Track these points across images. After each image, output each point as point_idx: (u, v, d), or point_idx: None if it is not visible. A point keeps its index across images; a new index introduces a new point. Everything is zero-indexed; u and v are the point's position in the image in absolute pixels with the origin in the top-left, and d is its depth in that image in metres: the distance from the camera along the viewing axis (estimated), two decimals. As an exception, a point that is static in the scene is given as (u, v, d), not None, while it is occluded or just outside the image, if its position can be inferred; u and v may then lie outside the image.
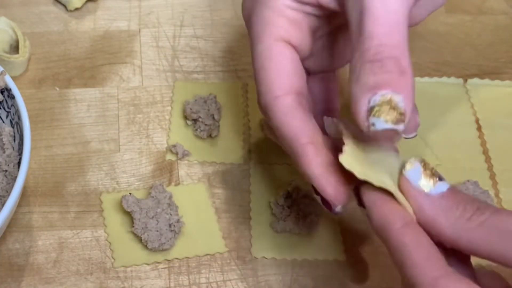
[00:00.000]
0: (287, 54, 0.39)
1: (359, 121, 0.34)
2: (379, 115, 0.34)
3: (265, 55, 0.39)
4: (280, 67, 0.39)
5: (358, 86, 0.35)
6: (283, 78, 0.39)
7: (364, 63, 0.35)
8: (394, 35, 0.35)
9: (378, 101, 0.34)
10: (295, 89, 0.39)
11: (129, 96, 0.54)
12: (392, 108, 0.34)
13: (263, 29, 0.40)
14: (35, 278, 0.45)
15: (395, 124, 0.34)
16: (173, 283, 0.45)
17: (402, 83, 0.34)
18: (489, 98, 0.56)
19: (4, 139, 0.45)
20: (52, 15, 0.59)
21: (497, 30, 0.61)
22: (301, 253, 0.47)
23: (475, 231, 0.33)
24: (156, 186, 0.47)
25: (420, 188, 0.35)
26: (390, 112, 0.34)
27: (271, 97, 0.39)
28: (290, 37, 0.40)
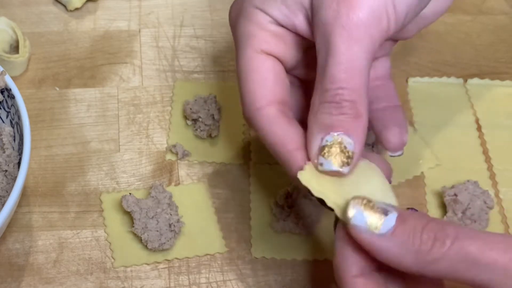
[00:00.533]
0: (268, 65, 0.40)
1: (310, 157, 0.37)
2: (327, 156, 0.36)
3: (246, 67, 0.40)
4: (261, 78, 0.39)
5: (315, 123, 0.37)
6: (265, 89, 0.39)
7: (323, 103, 0.37)
8: (355, 80, 0.37)
9: (329, 142, 0.36)
10: (277, 99, 0.39)
11: (129, 96, 0.54)
12: (341, 150, 0.36)
13: (246, 41, 0.40)
14: (35, 278, 0.45)
15: (341, 167, 0.36)
16: (173, 283, 0.45)
17: (355, 126, 0.36)
18: (489, 98, 0.56)
19: (4, 139, 0.45)
20: (52, 15, 0.59)
21: (497, 30, 0.61)
22: (301, 253, 0.47)
23: (439, 263, 0.33)
24: (156, 186, 0.47)
25: (370, 231, 0.34)
26: (337, 156, 0.36)
27: (254, 108, 0.39)
28: (272, 50, 0.40)
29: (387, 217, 0.34)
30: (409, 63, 0.58)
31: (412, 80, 0.57)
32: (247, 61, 0.40)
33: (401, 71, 0.57)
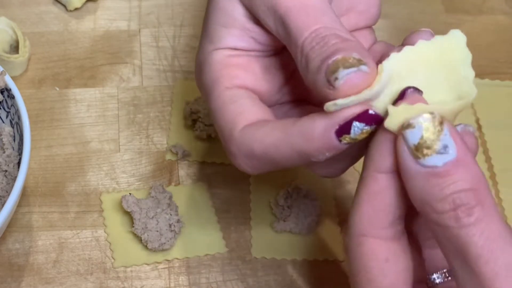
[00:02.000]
0: (242, 93, 0.37)
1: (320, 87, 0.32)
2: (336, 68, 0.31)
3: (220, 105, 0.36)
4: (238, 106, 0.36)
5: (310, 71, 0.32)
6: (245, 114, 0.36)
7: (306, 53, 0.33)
8: (324, 18, 0.34)
9: (331, 64, 0.31)
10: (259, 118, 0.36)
11: (129, 96, 0.54)
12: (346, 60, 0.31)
13: (213, 84, 0.37)
14: (35, 278, 0.45)
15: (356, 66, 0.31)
16: (173, 283, 0.45)
17: (349, 45, 0.32)
18: (489, 98, 0.56)
19: (4, 139, 0.45)
20: (52, 15, 0.59)
21: (497, 30, 0.61)
22: (301, 253, 0.47)
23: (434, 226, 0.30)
24: (156, 186, 0.47)
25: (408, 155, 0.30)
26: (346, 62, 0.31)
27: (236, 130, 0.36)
28: (243, 82, 0.37)
29: (437, 156, 0.29)
30: (409, 63, 0.58)
31: (412, 80, 0.57)
32: (219, 99, 0.37)
33: (401, 71, 0.57)
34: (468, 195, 0.29)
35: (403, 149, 0.30)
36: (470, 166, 0.29)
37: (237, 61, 0.38)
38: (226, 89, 0.37)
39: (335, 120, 0.31)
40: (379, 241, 0.32)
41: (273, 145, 0.34)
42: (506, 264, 0.28)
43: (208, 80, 0.38)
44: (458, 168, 0.29)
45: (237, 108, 0.36)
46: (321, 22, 0.33)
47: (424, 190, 0.29)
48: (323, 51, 0.32)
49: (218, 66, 0.38)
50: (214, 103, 0.37)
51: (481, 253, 0.29)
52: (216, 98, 0.37)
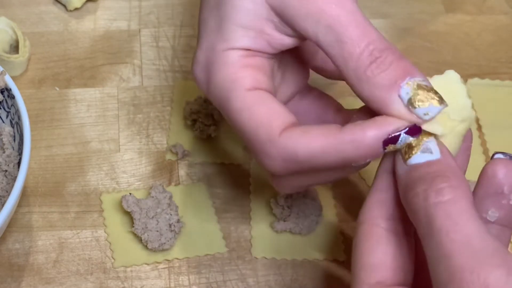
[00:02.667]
0: (266, 95, 0.37)
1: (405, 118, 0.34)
2: (423, 103, 0.34)
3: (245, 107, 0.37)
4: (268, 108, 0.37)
5: (376, 88, 0.35)
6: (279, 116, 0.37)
7: (365, 70, 0.35)
8: (370, 29, 0.35)
9: (410, 92, 0.34)
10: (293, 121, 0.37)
11: (129, 96, 0.54)
12: (425, 90, 0.34)
13: (231, 87, 0.37)
14: (35, 278, 0.45)
15: (441, 103, 0.34)
16: (173, 283, 0.45)
17: (409, 66, 0.35)
18: (489, 98, 0.56)
19: (4, 139, 0.45)
20: (52, 15, 0.59)
21: (497, 30, 0.61)
22: (301, 253, 0.47)
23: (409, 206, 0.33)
24: (156, 186, 0.47)
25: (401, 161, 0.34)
26: (428, 96, 0.34)
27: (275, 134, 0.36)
28: (260, 84, 0.38)
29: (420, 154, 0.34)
30: (409, 63, 0.58)
31: (412, 80, 0.57)
32: (243, 102, 0.37)
33: (401, 71, 0.57)
34: (438, 181, 0.32)
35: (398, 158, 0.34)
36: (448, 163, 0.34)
37: (254, 62, 0.38)
38: (248, 90, 0.37)
39: (387, 130, 0.34)
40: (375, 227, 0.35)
41: (321, 151, 0.35)
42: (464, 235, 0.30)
43: (224, 81, 0.38)
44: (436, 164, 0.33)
45: (269, 110, 0.37)
46: (373, 34, 0.35)
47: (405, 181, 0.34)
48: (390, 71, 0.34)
49: (235, 66, 0.38)
50: (237, 104, 0.37)
51: (442, 225, 0.31)
52: (241, 100, 0.37)
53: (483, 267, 0.30)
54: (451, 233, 0.31)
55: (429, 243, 0.32)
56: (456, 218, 0.31)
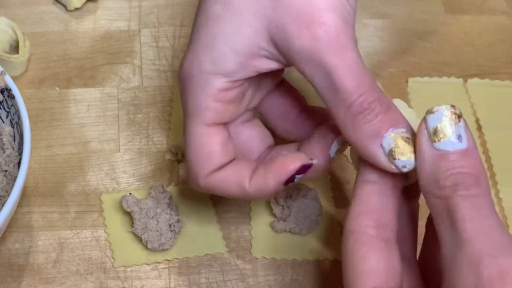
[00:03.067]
0: (217, 138, 0.41)
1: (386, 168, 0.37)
2: (402, 156, 0.36)
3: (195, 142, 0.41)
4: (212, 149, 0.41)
5: (360, 138, 0.37)
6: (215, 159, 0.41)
7: (353, 117, 0.37)
8: (366, 80, 0.37)
9: (392, 144, 0.36)
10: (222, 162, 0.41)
11: (129, 96, 0.54)
12: (405, 142, 0.36)
13: (197, 114, 0.41)
14: (35, 278, 0.45)
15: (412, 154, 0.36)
16: (173, 283, 0.45)
17: (395, 117, 0.37)
18: (489, 98, 0.56)
19: (4, 139, 0.45)
20: (52, 15, 0.59)
21: (497, 30, 0.61)
22: (301, 253, 0.47)
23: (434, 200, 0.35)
24: (156, 186, 0.47)
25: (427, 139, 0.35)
26: (405, 148, 0.36)
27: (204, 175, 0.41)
28: (224, 118, 0.41)
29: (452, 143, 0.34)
30: (409, 63, 0.58)
31: (412, 80, 0.57)
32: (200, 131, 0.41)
33: (401, 71, 0.57)
34: (468, 177, 0.34)
35: (422, 132, 0.35)
36: (476, 158, 0.35)
37: (230, 95, 0.40)
38: (206, 125, 0.41)
39: (283, 178, 0.39)
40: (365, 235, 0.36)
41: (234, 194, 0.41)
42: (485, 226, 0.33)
43: (195, 103, 0.41)
44: (466, 157, 0.34)
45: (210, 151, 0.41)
46: (366, 85, 0.37)
47: (433, 168, 0.34)
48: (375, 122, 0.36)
49: (210, 96, 0.40)
50: (192, 129, 0.41)
51: (465, 214, 0.33)
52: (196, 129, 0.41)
53: (503, 254, 0.32)
54: (475, 221, 0.33)
55: (450, 229, 0.34)
56: (480, 210, 0.33)
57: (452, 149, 0.34)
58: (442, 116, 0.35)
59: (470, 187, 0.34)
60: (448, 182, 0.34)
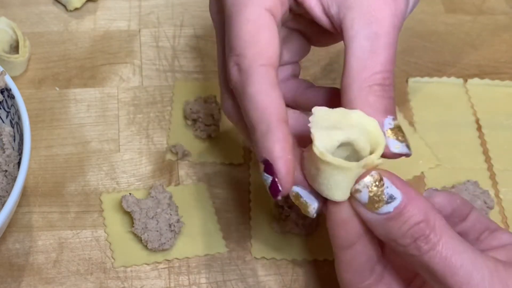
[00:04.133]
0: (275, 28, 0.39)
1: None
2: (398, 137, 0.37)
3: (258, 21, 0.38)
4: (272, 38, 0.38)
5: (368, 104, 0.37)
6: (273, 50, 0.38)
7: (375, 85, 0.37)
8: (394, 64, 0.38)
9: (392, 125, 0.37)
10: (277, 64, 0.39)
11: (129, 96, 0.54)
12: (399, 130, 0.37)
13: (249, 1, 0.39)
14: (35, 278, 0.45)
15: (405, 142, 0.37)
16: (173, 283, 0.45)
17: (395, 111, 0.38)
18: (489, 98, 0.56)
19: (4, 139, 0.45)
20: (52, 15, 0.59)
21: (497, 30, 0.61)
22: (301, 253, 0.47)
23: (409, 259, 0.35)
24: (156, 186, 0.47)
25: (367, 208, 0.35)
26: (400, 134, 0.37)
27: (258, 64, 0.37)
28: (277, 14, 0.39)
29: (388, 205, 0.35)
30: (409, 63, 0.58)
31: (412, 80, 0.57)
32: (257, 16, 0.38)
33: (401, 71, 0.57)
34: (421, 227, 0.34)
35: (359, 206, 0.35)
36: (415, 202, 0.35)
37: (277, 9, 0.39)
38: (263, 10, 0.38)
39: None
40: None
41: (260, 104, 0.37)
42: (466, 273, 0.34)
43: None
44: (406, 208, 0.34)
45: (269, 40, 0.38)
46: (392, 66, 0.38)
47: (386, 231, 0.35)
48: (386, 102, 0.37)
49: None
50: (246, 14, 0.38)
51: (444, 270, 0.34)
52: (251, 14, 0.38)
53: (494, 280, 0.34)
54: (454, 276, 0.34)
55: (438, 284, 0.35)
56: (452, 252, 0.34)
57: (391, 209, 0.34)
58: (367, 191, 0.35)
59: (429, 237, 0.34)
60: (407, 240, 0.34)
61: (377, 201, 0.35)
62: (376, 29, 0.37)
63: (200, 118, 0.51)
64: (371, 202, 0.35)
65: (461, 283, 0.34)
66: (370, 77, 0.37)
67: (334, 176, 0.35)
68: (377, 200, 0.35)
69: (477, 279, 0.34)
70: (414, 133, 0.53)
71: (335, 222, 0.36)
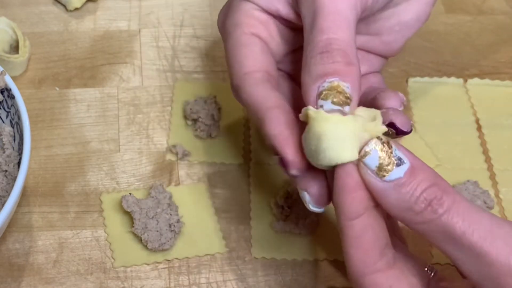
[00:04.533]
0: (256, 41, 0.42)
1: (309, 103, 0.37)
2: (326, 97, 0.36)
3: (236, 44, 0.42)
4: (249, 50, 0.41)
5: (309, 75, 0.37)
6: (253, 59, 0.41)
7: (315, 55, 0.37)
8: (343, 30, 0.38)
9: (326, 87, 0.36)
10: (264, 68, 0.41)
11: (129, 96, 0.54)
12: (338, 92, 0.36)
13: (234, 27, 0.42)
14: (35, 278, 0.45)
15: (342, 105, 0.36)
16: (173, 283, 0.45)
17: (349, 72, 0.37)
18: (489, 98, 0.56)
19: (4, 139, 0.45)
20: (52, 15, 0.59)
21: (497, 30, 0.61)
22: (301, 253, 0.47)
23: (424, 226, 0.34)
24: (156, 186, 0.47)
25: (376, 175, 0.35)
26: (337, 95, 0.36)
27: (241, 74, 0.40)
28: (259, 33, 0.42)
29: (397, 168, 0.34)
30: (409, 63, 0.58)
31: (412, 80, 0.57)
32: (237, 39, 0.42)
33: (401, 71, 0.57)
34: (433, 190, 0.34)
35: (368, 173, 0.35)
36: (423, 167, 0.35)
37: (260, 15, 0.43)
38: (243, 33, 0.42)
39: None
40: (378, 274, 0.36)
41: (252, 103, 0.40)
42: (487, 229, 0.33)
43: (230, 23, 0.43)
44: (416, 172, 0.34)
45: (247, 52, 0.41)
46: (341, 33, 0.38)
47: (399, 200, 0.34)
48: (327, 66, 0.37)
49: (243, 14, 0.43)
50: (230, 42, 0.42)
51: (464, 229, 0.33)
52: (233, 39, 0.42)
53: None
54: (475, 232, 0.33)
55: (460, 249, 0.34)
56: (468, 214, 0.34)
57: (402, 173, 0.34)
58: (377, 153, 0.35)
59: (442, 198, 0.34)
60: (421, 205, 0.34)
61: (387, 164, 0.34)
62: (313, 8, 0.39)
63: (200, 118, 0.51)
64: (381, 166, 0.34)
65: (483, 238, 0.33)
66: (312, 50, 0.38)
67: (337, 132, 0.35)
68: (386, 163, 0.34)
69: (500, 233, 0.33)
70: (414, 133, 0.53)
71: (342, 188, 0.36)
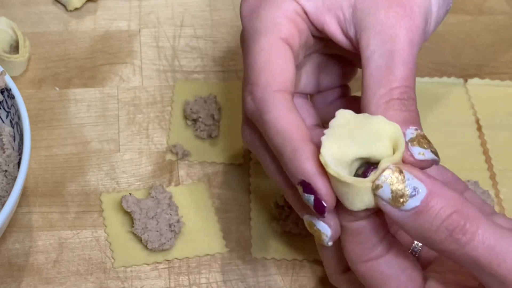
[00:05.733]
0: (289, 52, 0.39)
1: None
2: (421, 145, 0.36)
3: (269, 49, 0.39)
4: (284, 63, 0.39)
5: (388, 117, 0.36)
6: (286, 76, 0.39)
7: (391, 100, 0.37)
8: (413, 79, 0.38)
9: (414, 135, 0.36)
10: (291, 89, 0.39)
11: (129, 96, 0.54)
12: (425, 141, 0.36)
13: (271, 26, 0.39)
14: (35, 278, 0.45)
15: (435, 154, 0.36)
16: (173, 283, 0.45)
17: (419, 122, 0.37)
18: (489, 98, 0.56)
19: (4, 139, 0.45)
20: (52, 15, 0.59)
21: (497, 30, 0.61)
22: (301, 253, 0.47)
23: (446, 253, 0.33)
24: (156, 186, 0.47)
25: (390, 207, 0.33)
26: (425, 145, 0.36)
27: (271, 91, 0.38)
28: (293, 43, 0.40)
29: (413, 198, 0.33)
30: (409, 63, 0.58)
31: (412, 80, 0.57)
32: (272, 43, 0.39)
33: (401, 71, 0.57)
34: (454, 218, 0.32)
35: (384, 205, 0.33)
36: (443, 193, 0.33)
37: (300, 23, 0.40)
38: (279, 39, 0.39)
39: None
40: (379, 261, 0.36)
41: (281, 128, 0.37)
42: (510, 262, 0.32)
43: (265, 19, 0.40)
44: (434, 200, 0.33)
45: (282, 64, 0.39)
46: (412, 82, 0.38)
47: (418, 228, 0.33)
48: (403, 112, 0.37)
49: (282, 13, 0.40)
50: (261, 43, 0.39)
51: (489, 260, 0.32)
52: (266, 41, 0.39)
53: None
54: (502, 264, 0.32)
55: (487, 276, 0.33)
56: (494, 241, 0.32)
57: (418, 202, 0.33)
58: (389, 186, 0.33)
59: (465, 227, 0.32)
60: (441, 235, 0.33)
61: (400, 195, 0.33)
62: (390, 47, 0.37)
63: (200, 118, 0.51)
64: (395, 197, 0.33)
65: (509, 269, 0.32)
66: (386, 94, 0.37)
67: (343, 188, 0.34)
68: (400, 194, 0.33)
69: None
70: (414, 133, 0.53)
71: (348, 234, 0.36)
